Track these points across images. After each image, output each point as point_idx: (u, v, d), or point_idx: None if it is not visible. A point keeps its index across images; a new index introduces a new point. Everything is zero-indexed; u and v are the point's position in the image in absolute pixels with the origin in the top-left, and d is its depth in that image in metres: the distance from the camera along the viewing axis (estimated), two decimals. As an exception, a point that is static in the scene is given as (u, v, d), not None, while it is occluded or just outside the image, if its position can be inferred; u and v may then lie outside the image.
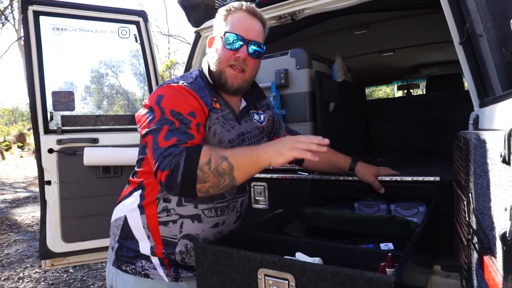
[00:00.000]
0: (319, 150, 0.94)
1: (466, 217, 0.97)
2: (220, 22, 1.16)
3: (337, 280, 0.73)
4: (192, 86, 1.10)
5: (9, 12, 17.84)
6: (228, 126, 1.15)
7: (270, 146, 0.97)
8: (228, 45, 1.11)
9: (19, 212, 6.28)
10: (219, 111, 1.14)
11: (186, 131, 0.99)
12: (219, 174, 0.93)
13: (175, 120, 0.99)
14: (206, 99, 1.10)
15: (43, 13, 2.31)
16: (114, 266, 1.19)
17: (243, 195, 1.26)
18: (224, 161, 0.93)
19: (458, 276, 1.24)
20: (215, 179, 0.94)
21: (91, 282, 3.37)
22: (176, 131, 0.98)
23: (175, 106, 1.02)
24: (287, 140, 0.97)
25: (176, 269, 1.15)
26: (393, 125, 2.66)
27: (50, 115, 2.33)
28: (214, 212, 1.17)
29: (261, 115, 1.33)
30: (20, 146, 15.87)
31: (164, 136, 0.97)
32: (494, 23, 1.07)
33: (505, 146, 0.57)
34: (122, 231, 1.19)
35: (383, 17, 2.36)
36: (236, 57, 1.11)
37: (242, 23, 1.12)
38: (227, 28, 1.12)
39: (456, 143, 1.16)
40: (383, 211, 1.54)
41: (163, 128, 0.98)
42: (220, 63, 1.13)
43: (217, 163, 0.93)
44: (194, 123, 1.02)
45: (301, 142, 0.94)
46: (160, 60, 19.44)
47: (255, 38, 1.13)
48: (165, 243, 1.14)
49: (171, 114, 1.00)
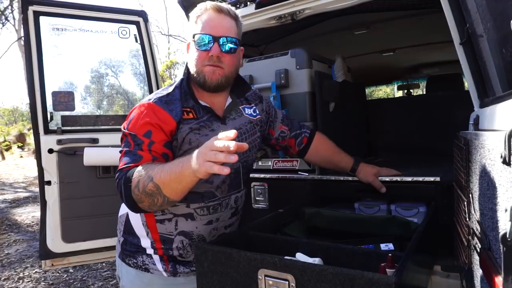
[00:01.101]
0: (227, 160, 0.82)
1: (466, 217, 0.97)
2: (192, 26, 1.17)
3: (337, 281, 0.73)
4: (162, 102, 1.13)
5: (9, 12, 17.85)
6: (205, 131, 1.15)
7: (193, 158, 0.89)
8: (200, 46, 1.13)
9: (19, 212, 6.28)
10: (193, 120, 1.15)
11: (136, 153, 1.06)
12: (148, 195, 0.97)
13: (131, 142, 1.08)
14: (175, 112, 1.12)
15: (43, 13, 2.31)
16: (120, 258, 1.28)
17: (237, 191, 1.26)
18: (150, 182, 0.95)
19: (458, 276, 1.24)
20: (148, 199, 0.98)
21: (91, 282, 3.37)
22: (128, 154, 1.06)
23: (134, 129, 1.09)
24: (199, 151, 0.88)
25: (174, 264, 1.21)
26: (393, 125, 2.66)
27: (50, 115, 2.33)
28: (206, 210, 1.20)
29: (253, 108, 1.33)
30: (20, 146, 15.87)
31: (121, 159, 1.07)
32: (495, 23, 1.07)
33: (505, 147, 0.57)
34: (125, 226, 1.26)
35: (383, 17, 2.36)
36: (210, 56, 1.12)
37: (210, 22, 1.13)
38: (197, 30, 1.14)
39: (457, 144, 1.16)
40: (383, 212, 1.54)
41: (122, 151, 1.09)
42: (197, 65, 1.15)
43: (144, 184, 0.96)
44: (146, 143, 1.07)
45: (209, 153, 0.84)
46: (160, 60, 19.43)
47: (225, 34, 1.13)
48: (163, 240, 1.20)
49: (130, 136, 1.09)
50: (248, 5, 1.93)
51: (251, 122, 1.30)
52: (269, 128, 1.42)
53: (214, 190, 1.19)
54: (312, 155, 1.48)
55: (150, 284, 1.21)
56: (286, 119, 1.48)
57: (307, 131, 1.48)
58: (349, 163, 1.51)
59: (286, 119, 1.48)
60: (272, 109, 1.44)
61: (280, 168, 1.86)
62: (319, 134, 1.52)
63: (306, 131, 1.48)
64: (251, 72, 1.92)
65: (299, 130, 1.47)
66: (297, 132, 1.46)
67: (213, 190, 1.19)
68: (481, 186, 0.79)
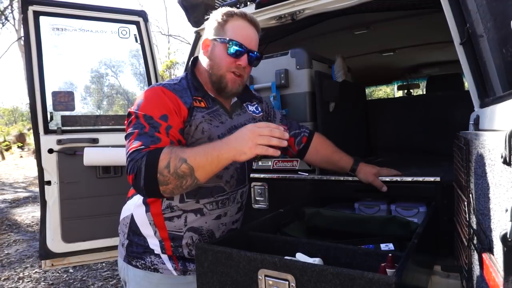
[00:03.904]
0: (280, 144, 0.92)
1: (466, 217, 0.97)
2: (218, 26, 1.18)
3: (337, 281, 0.73)
4: (172, 87, 1.14)
5: (9, 12, 17.86)
6: (216, 122, 1.18)
7: (233, 143, 0.95)
8: (231, 53, 1.15)
9: (19, 212, 6.28)
10: (204, 109, 1.17)
11: (153, 134, 1.03)
12: (179, 176, 0.96)
13: (146, 124, 1.04)
14: (186, 99, 1.14)
15: (43, 13, 2.30)
16: (125, 261, 1.25)
17: (243, 186, 1.29)
18: (183, 164, 0.95)
19: (458, 276, 1.24)
20: (176, 181, 0.96)
21: (91, 282, 3.37)
22: (144, 135, 1.03)
23: (148, 110, 1.07)
24: (248, 135, 0.93)
25: (183, 263, 1.21)
26: (393, 125, 2.66)
27: (50, 115, 2.33)
28: (216, 205, 1.21)
29: (255, 106, 1.39)
30: (20, 146, 15.86)
31: (133, 141, 1.03)
32: (495, 23, 1.07)
33: (505, 147, 0.57)
34: (130, 228, 1.24)
35: (383, 17, 2.36)
36: (237, 65, 1.16)
37: (243, 31, 1.17)
38: (228, 35, 1.16)
39: (457, 144, 1.16)
40: (383, 212, 1.54)
41: (134, 133, 1.04)
42: (221, 68, 1.17)
43: (176, 166, 0.95)
44: (163, 126, 1.05)
45: (263, 136, 0.92)
46: (160, 60, 19.43)
47: (254, 48, 1.20)
48: (172, 237, 1.19)
49: (143, 118, 1.05)
50: (248, 5, 1.93)
51: (254, 119, 1.34)
52: None
53: (223, 185, 1.21)
54: (312, 155, 1.48)
55: (159, 284, 1.20)
56: (285, 119, 1.51)
57: (306, 131, 1.49)
58: (349, 163, 1.51)
59: (285, 119, 1.51)
60: (271, 110, 1.48)
61: (280, 168, 1.86)
62: (318, 134, 1.53)
63: (306, 131, 1.49)
64: (251, 72, 1.92)
65: (298, 130, 1.48)
66: (296, 131, 1.47)
67: (222, 185, 1.21)
68: (481, 186, 0.78)
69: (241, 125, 1.25)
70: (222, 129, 1.19)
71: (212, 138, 1.14)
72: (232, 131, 1.21)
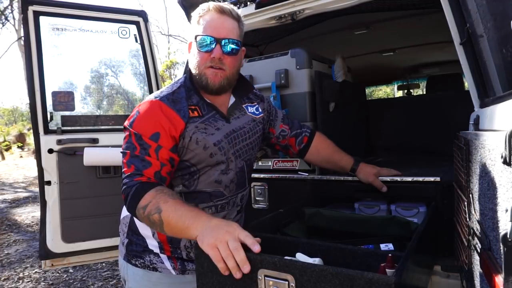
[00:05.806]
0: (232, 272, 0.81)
1: (466, 217, 0.97)
2: (194, 26, 1.17)
3: (337, 281, 0.73)
4: (169, 100, 1.13)
5: (9, 12, 17.86)
6: (211, 129, 1.16)
7: (205, 226, 0.87)
8: (202, 48, 1.13)
9: (19, 212, 6.28)
10: (198, 118, 1.15)
11: (144, 158, 1.06)
12: (150, 221, 0.98)
13: (137, 145, 1.07)
14: (185, 112, 1.13)
15: (43, 13, 2.31)
16: (125, 260, 1.26)
17: (242, 190, 1.28)
18: (156, 214, 0.96)
19: (458, 276, 1.24)
20: (147, 222, 1.00)
21: (91, 282, 3.37)
22: (135, 158, 1.06)
23: (140, 129, 1.09)
24: (221, 234, 0.83)
25: (182, 262, 1.21)
26: (393, 125, 2.65)
27: (50, 115, 2.33)
28: (215, 209, 1.21)
29: (256, 107, 1.35)
30: (20, 146, 15.86)
31: (127, 162, 1.07)
32: (495, 23, 1.07)
33: (505, 147, 0.57)
34: (130, 228, 1.26)
35: (383, 17, 2.36)
36: (212, 58, 1.12)
37: (212, 23, 1.13)
38: (199, 31, 1.14)
39: (457, 144, 1.16)
40: (383, 212, 1.54)
41: (127, 154, 1.08)
42: (199, 66, 1.15)
43: (150, 212, 0.97)
44: (153, 147, 1.07)
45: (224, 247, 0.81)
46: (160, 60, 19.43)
47: (227, 36, 1.13)
48: (170, 240, 1.19)
49: (135, 137, 1.08)
50: (248, 5, 1.93)
51: (254, 121, 1.31)
52: (270, 127, 1.43)
53: (222, 190, 1.20)
54: (313, 154, 1.48)
55: (158, 283, 1.21)
56: (286, 118, 1.49)
57: (307, 131, 1.48)
58: (349, 163, 1.50)
59: (287, 118, 1.49)
60: (272, 109, 1.45)
61: (280, 168, 1.86)
62: (319, 133, 1.52)
63: (307, 131, 1.48)
64: (251, 72, 1.92)
65: (300, 130, 1.47)
66: (297, 131, 1.47)
67: (221, 190, 1.20)
68: (482, 186, 0.78)
69: (239, 128, 1.24)
70: (219, 135, 1.17)
71: (208, 147, 1.14)
72: (230, 135, 1.20)
